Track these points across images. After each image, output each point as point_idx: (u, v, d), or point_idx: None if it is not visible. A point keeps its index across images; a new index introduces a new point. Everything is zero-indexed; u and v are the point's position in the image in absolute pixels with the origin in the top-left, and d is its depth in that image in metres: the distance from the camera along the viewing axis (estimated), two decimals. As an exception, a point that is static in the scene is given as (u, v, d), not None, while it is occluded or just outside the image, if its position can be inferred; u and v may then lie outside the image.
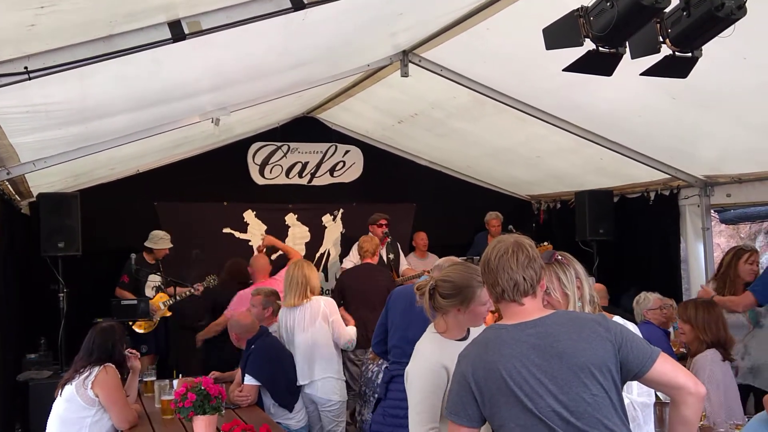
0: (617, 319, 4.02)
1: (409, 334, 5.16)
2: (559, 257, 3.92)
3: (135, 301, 9.39)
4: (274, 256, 11.46)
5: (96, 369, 5.86)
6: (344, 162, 12.17)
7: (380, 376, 6.45)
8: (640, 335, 3.83)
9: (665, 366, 3.20)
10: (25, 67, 3.67)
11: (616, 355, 3.17)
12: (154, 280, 10.13)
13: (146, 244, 10.11)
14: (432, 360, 3.99)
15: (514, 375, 3.16)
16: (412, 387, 4.08)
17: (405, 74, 8.03)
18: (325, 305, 7.47)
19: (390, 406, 5.36)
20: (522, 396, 3.14)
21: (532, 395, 3.14)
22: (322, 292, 10.49)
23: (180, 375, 7.31)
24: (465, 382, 3.28)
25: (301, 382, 7.21)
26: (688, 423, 3.21)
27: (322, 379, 7.30)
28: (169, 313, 10.03)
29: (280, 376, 6.79)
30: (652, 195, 10.20)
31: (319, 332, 7.35)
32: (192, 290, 9.92)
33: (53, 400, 6.00)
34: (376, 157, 12.25)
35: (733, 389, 5.99)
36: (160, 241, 10.14)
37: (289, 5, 4.12)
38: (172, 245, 10.27)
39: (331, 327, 7.38)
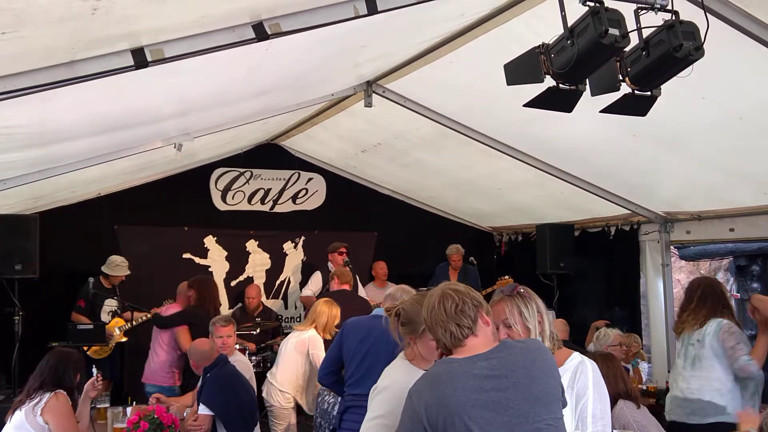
0: (576, 356, 4.02)
1: (367, 362, 5.71)
2: (521, 290, 3.93)
3: (91, 326, 9.30)
4: (233, 283, 11.45)
5: (47, 395, 5.73)
6: (307, 189, 12.17)
7: (336, 407, 6.45)
8: (599, 373, 3.87)
9: None
10: (-15, 91, 3.65)
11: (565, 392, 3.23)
12: (111, 304, 10.01)
13: (103, 269, 10.03)
14: (399, 383, 3.94)
15: (468, 409, 3.14)
16: (374, 401, 4.05)
17: (369, 104, 8.07)
18: (309, 338, 7.91)
19: None
20: (475, 428, 3.12)
21: (486, 428, 3.13)
22: (278, 319, 10.59)
23: (134, 402, 7.22)
24: (417, 418, 3.24)
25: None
26: None
27: (272, 386, 8.01)
28: (125, 339, 9.92)
29: (232, 406, 6.69)
30: (613, 230, 10.29)
31: (290, 352, 8.00)
32: (148, 315, 9.81)
33: (3, 425, 5.84)
34: (338, 185, 12.27)
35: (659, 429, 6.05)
36: (116, 267, 10.07)
37: (253, 35, 4.12)
38: (129, 272, 10.19)
39: (313, 359, 7.83)
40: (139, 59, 3.93)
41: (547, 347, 3.35)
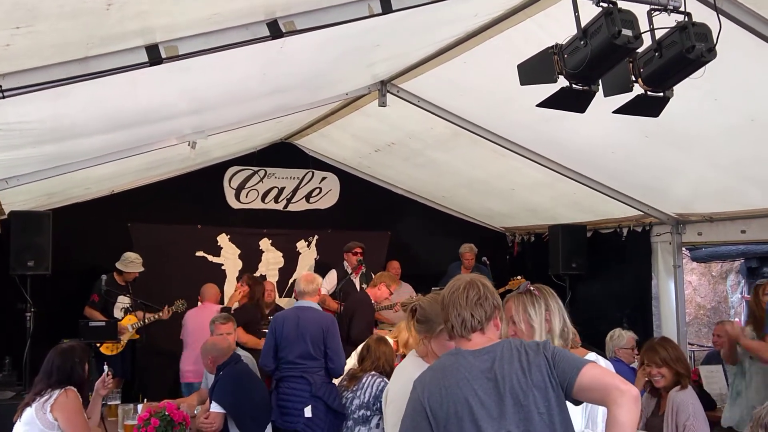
0: (592, 355, 4.04)
1: (300, 340, 7.36)
2: (531, 288, 3.96)
3: (103, 323, 9.33)
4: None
5: (56, 392, 5.68)
6: (320, 188, 12.18)
7: (355, 401, 6.52)
8: (612, 368, 3.87)
9: (594, 370, 3.22)
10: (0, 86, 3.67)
11: (553, 370, 3.23)
12: (123, 301, 10.06)
13: (117, 265, 10.06)
14: (412, 380, 3.98)
15: (470, 400, 3.21)
16: (390, 407, 4.10)
17: (383, 104, 8.08)
18: None
19: (281, 399, 7.30)
20: (478, 419, 3.19)
21: (486, 419, 3.19)
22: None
23: (145, 399, 7.24)
24: (420, 407, 3.31)
25: None
26: (623, 426, 3.09)
27: None
28: (137, 336, 9.97)
29: (244, 404, 6.73)
30: (625, 231, 10.28)
31: None
32: (160, 315, 9.87)
33: (12, 422, 5.80)
34: (352, 184, 12.27)
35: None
36: (130, 264, 10.09)
37: (267, 33, 4.14)
38: (143, 269, 10.22)
39: None
40: (154, 56, 3.96)
41: (538, 342, 3.37)
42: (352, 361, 7.42)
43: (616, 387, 3.13)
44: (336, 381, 7.59)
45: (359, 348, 7.21)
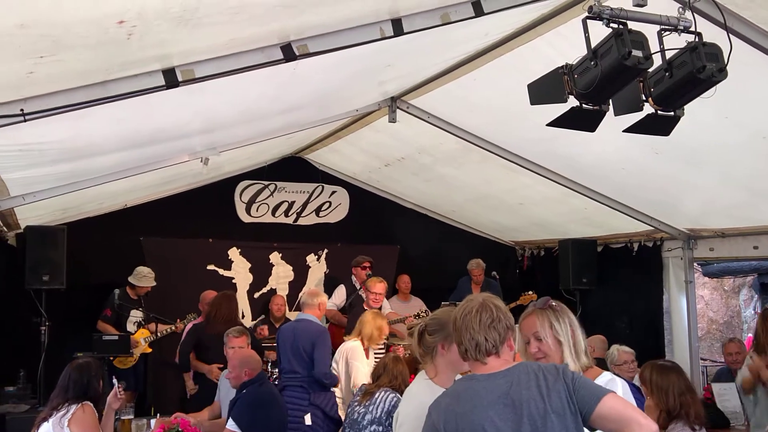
0: (606, 374, 4.03)
1: (296, 350, 7.68)
2: (553, 304, 3.96)
3: (116, 337, 9.35)
4: (256, 295, 11.49)
5: (73, 407, 5.75)
6: (330, 202, 12.20)
7: (367, 417, 6.52)
8: (630, 394, 3.87)
9: (614, 401, 3.21)
10: (21, 110, 3.73)
11: (573, 396, 3.21)
12: (136, 315, 10.08)
13: (130, 279, 10.07)
14: (422, 403, 3.98)
15: (485, 426, 3.20)
16: (401, 429, 4.09)
17: (393, 120, 8.12)
18: (348, 348, 8.14)
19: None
20: None
21: None
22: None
23: (158, 414, 7.27)
24: None
25: None
26: None
27: None
28: (149, 350, 10.00)
29: (261, 426, 6.67)
30: (636, 246, 10.25)
31: (334, 362, 8.23)
32: (172, 328, 9.91)
33: None
34: (362, 198, 12.29)
35: None
36: (143, 278, 10.11)
37: (281, 56, 4.19)
38: (155, 284, 10.24)
39: (350, 368, 8.03)
40: (170, 79, 4.02)
41: (556, 366, 3.37)
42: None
43: (637, 421, 3.13)
44: (338, 392, 7.92)
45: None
